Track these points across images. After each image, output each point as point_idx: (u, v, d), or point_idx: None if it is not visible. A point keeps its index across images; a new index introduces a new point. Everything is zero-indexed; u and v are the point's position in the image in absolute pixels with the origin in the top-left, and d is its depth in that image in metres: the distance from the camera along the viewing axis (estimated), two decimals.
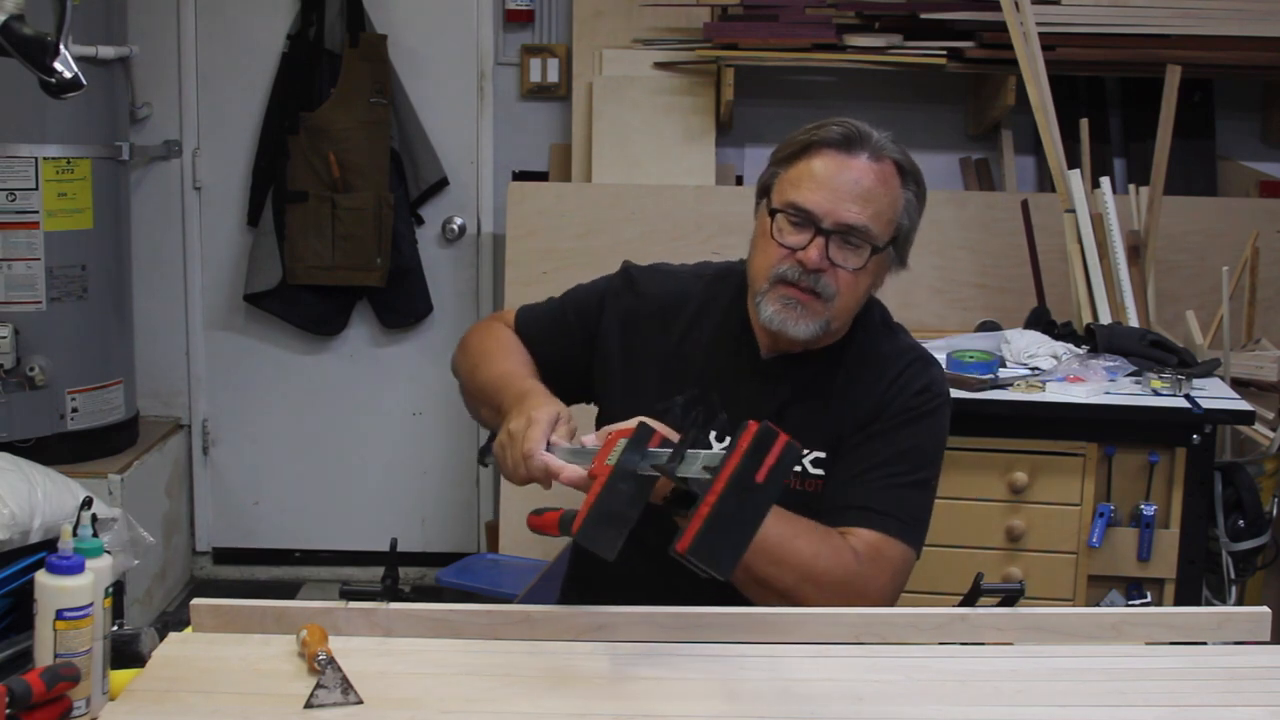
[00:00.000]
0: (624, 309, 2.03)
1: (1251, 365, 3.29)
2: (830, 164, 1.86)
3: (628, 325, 2.02)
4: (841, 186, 1.85)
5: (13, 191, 3.57)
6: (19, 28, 1.87)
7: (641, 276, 2.07)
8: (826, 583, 1.76)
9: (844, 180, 1.85)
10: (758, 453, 1.45)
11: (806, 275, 1.85)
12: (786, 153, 1.91)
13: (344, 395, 4.38)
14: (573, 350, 2.05)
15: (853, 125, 1.87)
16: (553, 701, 1.49)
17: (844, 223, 1.85)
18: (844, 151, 1.86)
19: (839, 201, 1.84)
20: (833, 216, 1.85)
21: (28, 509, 2.21)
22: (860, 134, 1.87)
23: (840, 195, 1.85)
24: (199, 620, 1.66)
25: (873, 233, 1.86)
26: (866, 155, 1.86)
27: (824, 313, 1.87)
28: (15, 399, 3.62)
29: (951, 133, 4.17)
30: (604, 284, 2.09)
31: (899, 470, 1.86)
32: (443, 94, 4.23)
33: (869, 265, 1.88)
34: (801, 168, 1.87)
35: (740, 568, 1.74)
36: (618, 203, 3.82)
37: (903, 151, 1.90)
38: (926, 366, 1.97)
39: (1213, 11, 3.77)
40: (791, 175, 1.88)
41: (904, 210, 1.91)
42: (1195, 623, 1.72)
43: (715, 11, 3.90)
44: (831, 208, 1.84)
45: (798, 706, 1.50)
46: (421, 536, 4.39)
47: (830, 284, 1.86)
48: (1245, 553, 3.09)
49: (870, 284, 1.92)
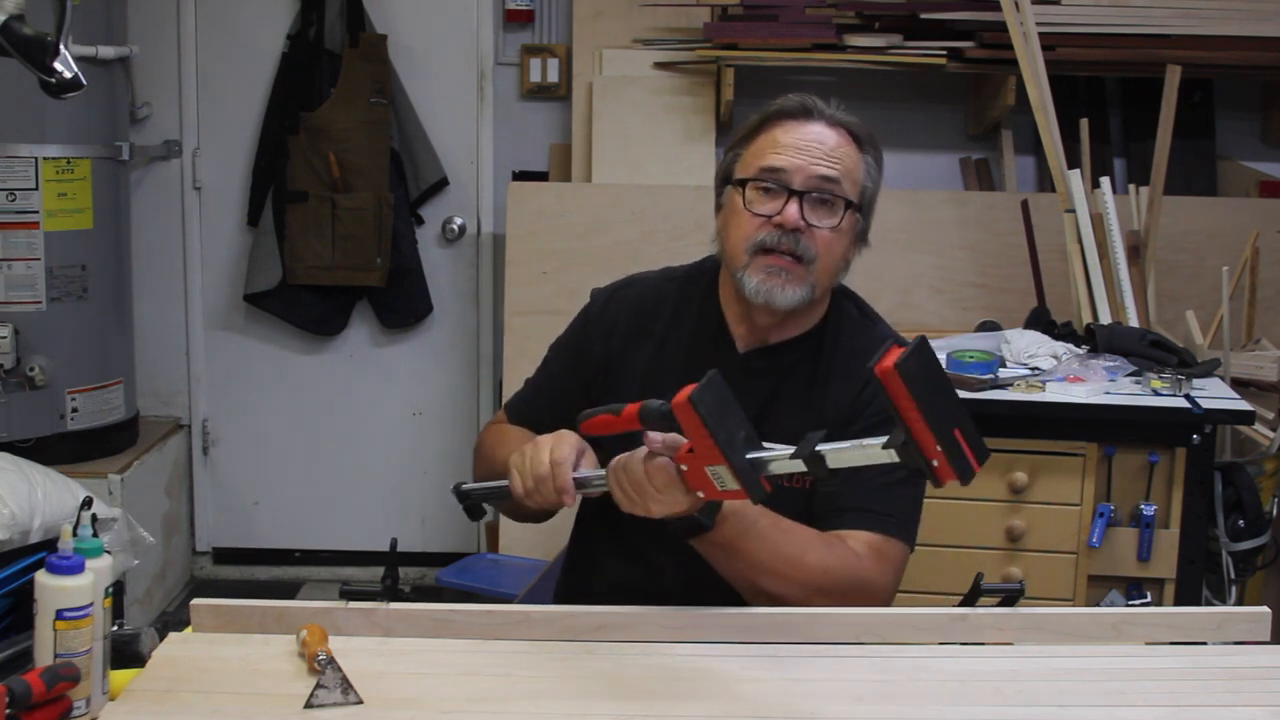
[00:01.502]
0: (602, 332, 2.03)
1: (1251, 365, 3.29)
2: (791, 128, 1.90)
3: (609, 345, 2.01)
4: (807, 146, 1.88)
5: (13, 191, 3.57)
6: (19, 28, 1.87)
7: (612, 295, 2.07)
8: (837, 592, 1.76)
9: (808, 139, 1.88)
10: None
11: (786, 237, 1.86)
12: (743, 133, 1.95)
13: (344, 395, 4.38)
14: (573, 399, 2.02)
15: (805, 95, 1.92)
16: (553, 701, 1.49)
17: (816, 175, 1.86)
18: (801, 118, 1.90)
19: (807, 158, 1.87)
20: (803, 173, 1.86)
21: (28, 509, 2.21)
22: (813, 102, 1.92)
23: (808, 153, 1.87)
24: (199, 620, 1.66)
25: (844, 186, 1.88)
26: (823, 121, 1.90)
27: (807, 277, 1.87)
28: (15, 399, 3.62)
29: (951, 133, 4.17)
30: (577, 321, 2.09)
31: (890, 467, 1.85)
32: (443, 94, 4.23)
33: (844, 224, 1.88)
34: (762, 140, 1.91)
35: (750, 583, 1.75)
36: (618, 203, 3.82)
37: (856, 120, 1.94)
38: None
39: (1213, 11, 3.77)
40: (753, 149, 1.91)
41: (866, 173, 1.92)
42: (1195, 623, 1.72)
43: (715, 11, 3.90)
44: (801, 164, 1.87)
45: (798, 706, 1.50)
46: (421, 536, 4.39)
47: (810, 245, 1.86)
48: (1245, 553, 3.09)
49: (845, 248, 1.92)
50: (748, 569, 1.75)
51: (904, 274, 3.79)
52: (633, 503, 1.64)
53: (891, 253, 3.76)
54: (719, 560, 1.76)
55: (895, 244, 3.77)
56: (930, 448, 1.41)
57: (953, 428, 1.42)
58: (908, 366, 1.39)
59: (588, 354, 2.03)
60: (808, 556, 1.76)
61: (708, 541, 1.73)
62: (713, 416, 1.50)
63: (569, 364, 2.07)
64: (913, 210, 3.83)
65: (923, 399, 1.40)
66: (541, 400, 2.08)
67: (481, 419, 4.34)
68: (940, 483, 1.43)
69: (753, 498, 1.54)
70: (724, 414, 1.51)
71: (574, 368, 2.05)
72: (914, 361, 1.40)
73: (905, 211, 3.82)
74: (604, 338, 2.02)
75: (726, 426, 1.51)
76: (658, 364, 1.98)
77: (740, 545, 1.73)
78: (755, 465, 1.52)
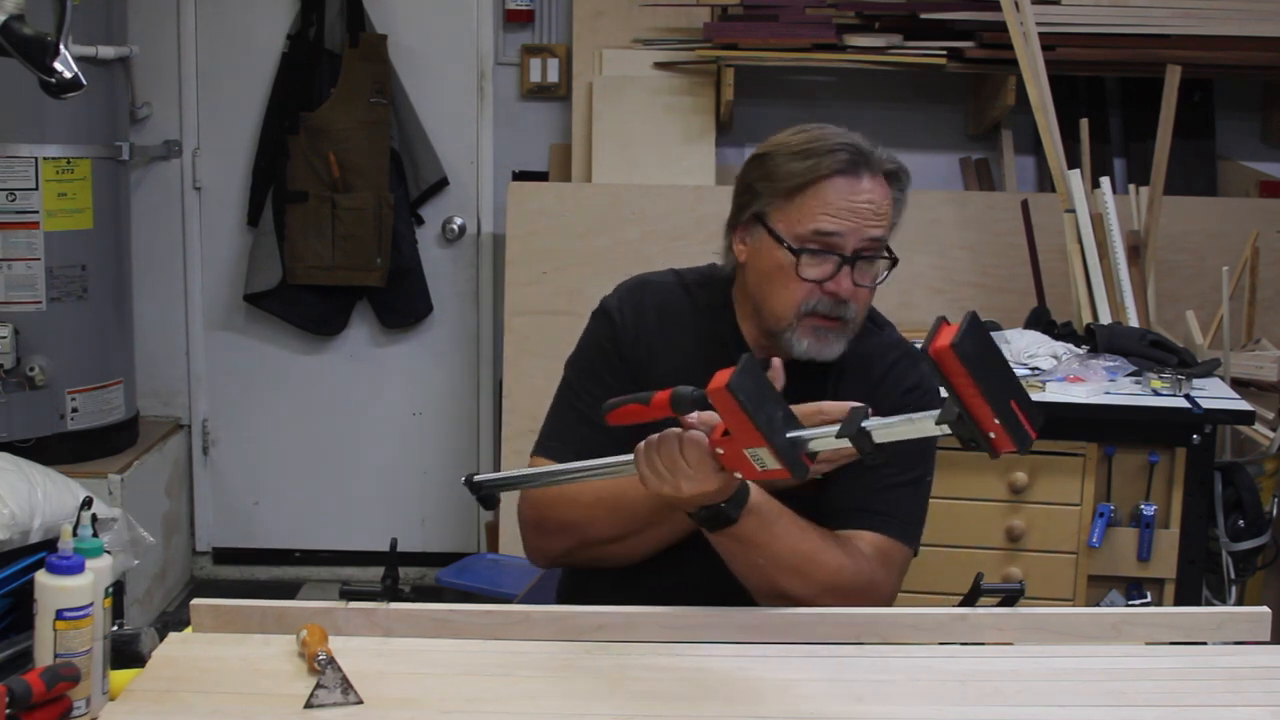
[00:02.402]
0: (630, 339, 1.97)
1: (1251, 365, 3.29)
2: (843, 188, 1.84)
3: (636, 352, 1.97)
4: (861, 210, 1.84)
5: (13, 191, 3.57)
6: (19, 28, 1.87)
7: (630, 301, 2.00)
8: (847, 592, 1.76)
9: (860, 203, 1.85)
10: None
11: (838, 305, 1.85)
12: (790, 182, 1.85)
13: (344, 395, 4.38)
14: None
15: (852, 144, 1.85)
16: (552, 701, 1.49)
17: (868, 238, 1.85)
18: (852, 175, 1.85)
19: (859, 221, 1.85)
20: (856, 236, 1.84)
21: (28, 509, 2.21)
22: (862, 153, 1.85)
23: (860, 215, 1.85)
24: (199, 620, 1.66)
25: (885, 243, 1.88)
26: (869, 173, 1.86)
27: (849, 331, 1.88)
28: (15, 399, 3.62)
29: (951, 133, 4.17)
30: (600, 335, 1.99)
31: (895, 471, 1.85)
32: (443, 94, 4.23)
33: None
34: (812, 198, 1.84)
35: (764, 580, 1.75)
36: (618, 203, 3.82)
37: (890, 155, 1.90)
38: (914, 363, 1.96)
39: (1213, 11, 3.77)
40: (802, 205, 1.84)
41: (897, 211, 1.92)
42: (1195, 623, 1.72)
43: (715, 11, 3.90)
44: (854, 226, 1.84)
45: (798, 706, 1.50)
46: (421, 536, 4.39)
47: (855, 306, 1.87)
48: (1245, 553, 3.09)
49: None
50: (767, 564, 1.74)
51: (904, 274, 3.73)
52: (662, 480, 1.62)
53: None
54: (738, 555, 1.75)
55: (895, 244, 3.75)
56: (989, 421, 1.41)
57: (1009, 399, 1.42)
58: (963, 345, 1.39)
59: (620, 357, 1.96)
60: (824, 555, 1.77)
61: (730, 535, 1.71)
62: (752, 401, 1.49)
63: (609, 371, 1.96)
64: (913, 210, 3.73)
65: (980, 375, 1.40)
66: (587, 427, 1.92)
67: (481, 419, 4.34)
68: (997, 454, 1.43)
69: (796, 476, 1.52)
70: (761, 397, 1.51)
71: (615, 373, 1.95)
72: (968, 340, 1.40)
73: (905, 211, 3.80)
74: (631, 344, 1.97)
75: (765, 409, 1.51)
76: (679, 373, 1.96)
77: (761, 540, 1.72)
78: (795, 444, 1.52)
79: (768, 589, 1.76)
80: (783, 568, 1.74)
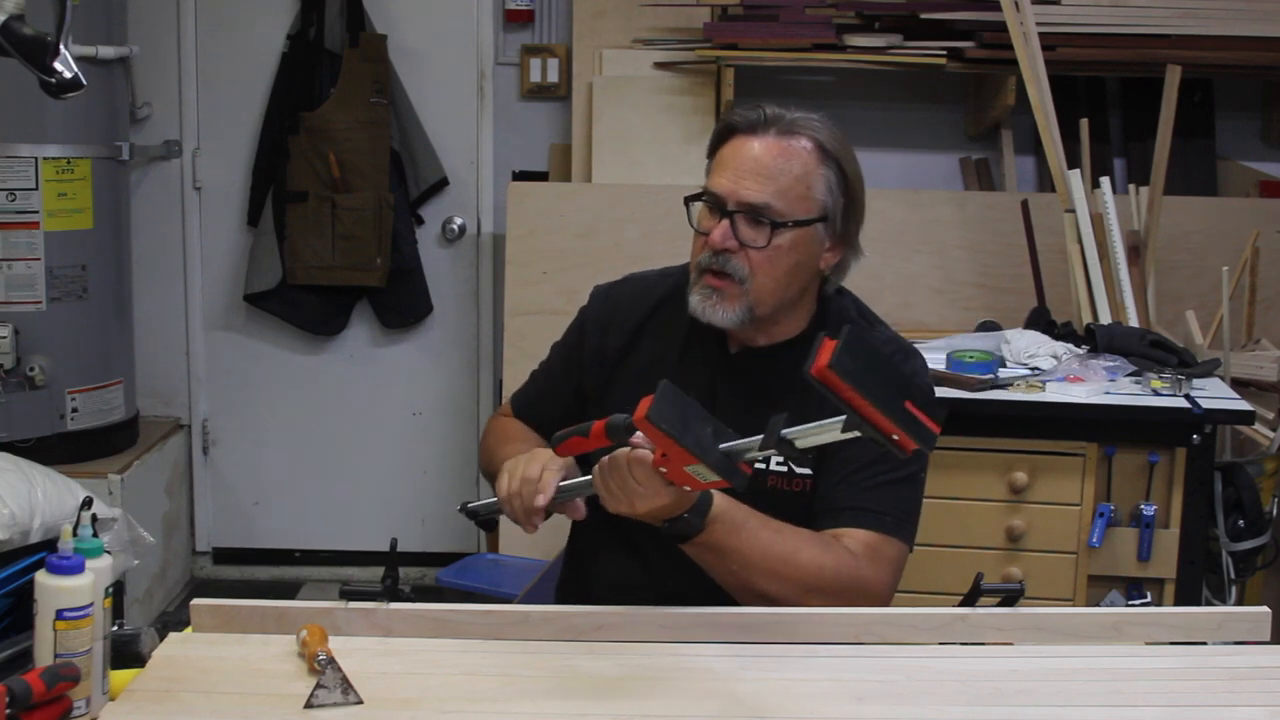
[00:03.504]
0: (597, 329, 2.04)
1: (1251, 365, 3.29)
2: (736, 146, 1.89)
3: (603, 341, 2.03)
4: (742, 165, 1.86)
5: (13, 191, 3.57)
6: (19, 28, 1.87)
7: (608, 293, 2.08)
8: (832, 591, 1.76)
9: (744, 159, 1.87)
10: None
11: (716, 258, 1.86)
12: (711, 143, 1.94)
13: (344, 395, 4.38)
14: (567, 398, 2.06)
15: (767, 107, 1.89)
16: (553, 702, 1.49)
17: (744, 201, 1.85)
18: (749, 133, 1.88)
19: (739, 180, 1.86)
20: (734, 196, 1.86)
21: (28, 509, 2.21)
22: (770, 115, 1.88)
23: (741, 174, 1.86)
24: (199, 620, 1.66)
25: (775, 209, 1.85)
26: (774, 132, 1.87)
27: (741, 296, 1.87)
28: (15, 399, 3.62)
29: (951, 133, 4.17)
30: (576, 320, 2.11)
31: (887, 468, 1.85)
32: (443, 94, 4.23)
33: (784, 243, 1.86)
34: (717, 156, 1.91)
35: (743, 583, 1.75)
36: (618, 203, 3.82)
37: (829, 131, 1.89)
38: (907, 359, 1.96)
39: (1213, 11, 3.77)
40: (712, 164, 1.92)
41: (824, 188, 1.87)
42: (1195, 623, 1.72)
43: (715, 11, 3.90)
44: (733, 187, 1.86)
45: (798, 706, 1.50)
46: (421, 536, 4.39)
47: (741, 265, 1.86)
48: (1245, 553, 3.09)
49: (794, 263, 1.88)
50: (741, 569, 1.75)
51: (904, 274, 3.79)
52: (617, 500, 1.65)
53: (891, 253, 3.76)
54: (712, 564, 1.76)
55: (895, 244, 3.77)
56: (887, 426, 1.45)
57: (902, 401, 1.45)
58: (841, 363, 1.43)
59: (581, 351, 2.05)
60: (801, 555, 1.76)
61: (699, 544, 1.73)
62: (675, 427, 1.52)
63: (566, 361, 2.10)
64: (913, 210, 3.83)
65: (864, 387, 1.44)
66: (542, 397, 2.12)
67: (481, 419, 4.34)
68: (907, 453, 1.47)
69: (736, 485, 1.56)
70: (685, 419, 1.54)
71: (569, 366, 2.08)
72: (846, 356, 1.43)
73: (905, 211, 3.82)
74: (599, 333, 2.03)
75: (691, 430, 1.53)
76: (654, 362, 1.98)
77: (731, 545, 1.73)
78: (731, 455, 1.55)
79: (748, 593, 1.76)
80: (756, 569, 1.74)
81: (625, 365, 2.01)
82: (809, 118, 1.89)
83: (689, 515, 1.69)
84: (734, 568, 1.75)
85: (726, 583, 1.77)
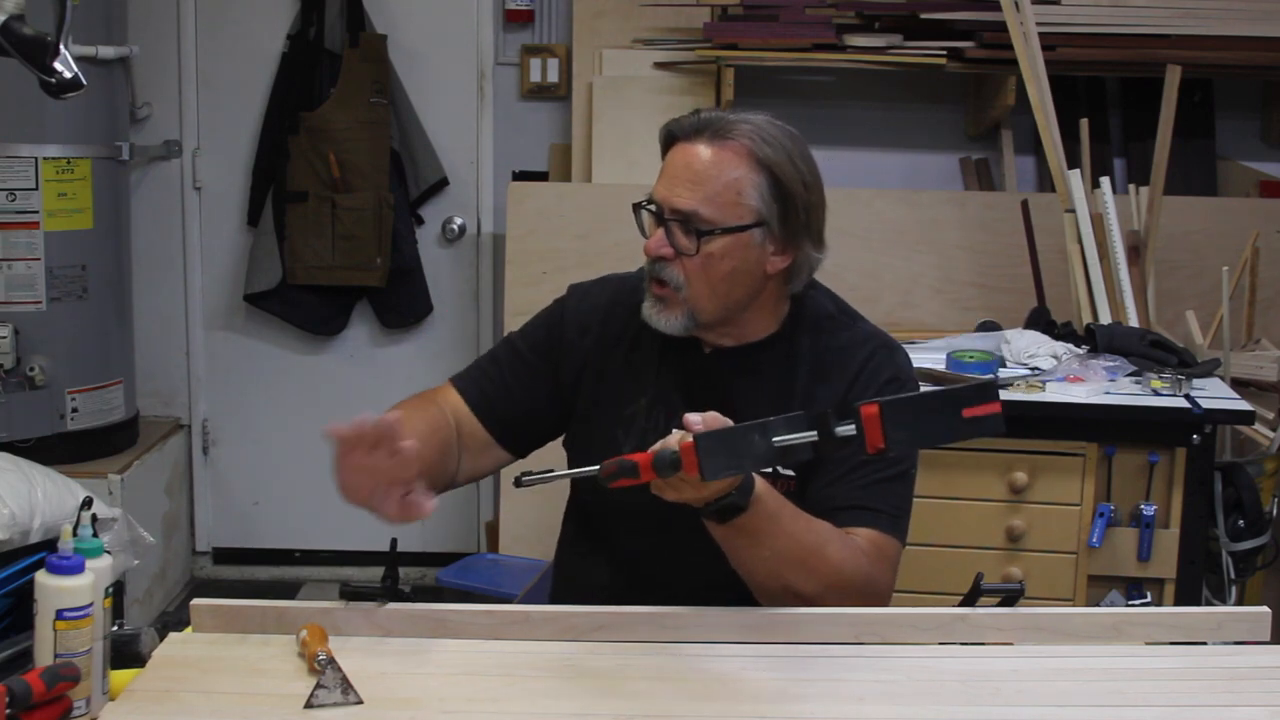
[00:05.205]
0: (578, 328, 2.01)
1: (1251, 365, 3.29)
2: (675, 153, 1.88)
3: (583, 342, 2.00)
4: (674, 173, 1.86)
5: (13, 191, 3.57)
6: (19, 28, 1.87)
7: (587, 294, 2.06)
8: (849, 590, 1.76)
9: (678, 166, 1.86)
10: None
11: (654, 266, 1.88)
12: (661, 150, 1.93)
13: (344, 395, 4.38)
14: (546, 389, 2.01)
15: (705, 113, 1.88)
16: (552, 701, 1.49)
17: (675, 208, 1.85)
18: (686, 139, 1.87)
19: (672, 187, 1.86)
20: (667, 203, 1.86)
21: (28, 509, 2.21)
22: (705, 120, 1.86)
23: (674, 181, 1.86)
24: (199, 620, 1.66)
25: (703, 215, 1.83)
26: (706, 138, 1.85)
27: (681, 304, 1.87)
28: (15, 399, 3.62)
29: (951, 133, 4.17)
30: (553, 311, 2.06)
31: (881, 465, 1.85)
32: (443, 94, 4.23)
33: (715, 250, 1.84)
34: (663, 162, 1.91)
35: (772, 572, 1.74)
36: (618, 203, 3.78)
37: (769, 134, 1.85)
38: (891, 354, 1.95)
39: (1213, 11, 3.77)
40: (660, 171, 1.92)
41: (755, 194, 1.84)
42: (1195, 623, 1.72)
43: (715, 11, 3.90)
44: (667, 195, 1.86)
45: (798, 706, 1.50)
46: (421, 536, 4.38)
47: (677, 273, 1.86)
48: (1245, 553, 3.09)
49: (729, 269, 1.85)
50: (772, 556, 1.72)
51: (904, 274, 3.79)
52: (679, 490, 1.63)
53: (891, 253, 3.75)
54: (744, 549, 1.73)
55: (895, 244, 3.77)
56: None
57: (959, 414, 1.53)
58: (895, 439, 1.52)
59: (561, 345, 2.01)
60: (828, 549, 1.76)
61: (738, 527, 1.69)
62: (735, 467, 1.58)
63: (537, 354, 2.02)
64: (913, 210, 3.83)
65: (923, 439, 1.56)
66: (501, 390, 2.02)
67: None
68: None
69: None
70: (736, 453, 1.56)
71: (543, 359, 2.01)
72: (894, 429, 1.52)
73: (905, 211, 3.81)
74: (578, 333, 2.01)
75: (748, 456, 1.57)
76: (631, 364, 1.97)
77: (768, 531, 1.71)
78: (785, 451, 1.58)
79: (774, 585, 1.74)
80: (788, 561, 1.72)
81: (603, 371, 1.98)
82: (746, 121, 1.86)
83: (735, 494, 1.66)
84: (765, 554, 1.72)
85: (750, 570, 1.74)
